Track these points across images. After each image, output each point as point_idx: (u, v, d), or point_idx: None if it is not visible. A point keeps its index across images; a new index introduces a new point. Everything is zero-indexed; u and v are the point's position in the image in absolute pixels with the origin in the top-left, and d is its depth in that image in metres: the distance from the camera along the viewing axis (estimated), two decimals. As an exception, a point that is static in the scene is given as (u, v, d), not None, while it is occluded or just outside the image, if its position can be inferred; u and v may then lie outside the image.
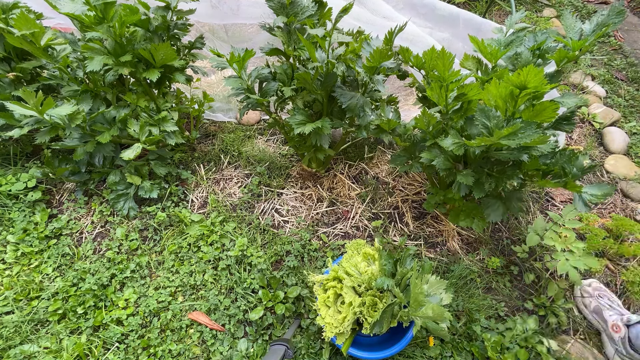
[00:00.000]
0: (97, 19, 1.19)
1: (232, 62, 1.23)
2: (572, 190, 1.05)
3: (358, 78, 1.32)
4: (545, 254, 1.48)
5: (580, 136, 2.02)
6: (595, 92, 2.22)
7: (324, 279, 1.19)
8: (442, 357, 1.25)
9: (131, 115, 1.45)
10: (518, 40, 1.21)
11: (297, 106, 1.35)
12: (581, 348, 1.28)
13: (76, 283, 1.39)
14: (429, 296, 1.06)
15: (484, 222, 1.29)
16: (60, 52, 1.44)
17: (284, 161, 1.84)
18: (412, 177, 1.79)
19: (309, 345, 1.26)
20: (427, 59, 1.14)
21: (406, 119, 1.82)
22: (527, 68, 0.86)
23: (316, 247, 1.52)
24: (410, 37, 1.64)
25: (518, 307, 1.40)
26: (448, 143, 1.09)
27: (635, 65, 2.43)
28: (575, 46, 1.07)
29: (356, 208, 1.67)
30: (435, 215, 1.65)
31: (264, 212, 1.66)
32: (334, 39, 1.18)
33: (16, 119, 1.34)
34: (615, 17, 1.05)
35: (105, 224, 1.59)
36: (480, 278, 1.45)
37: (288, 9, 1.27)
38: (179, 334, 1.30)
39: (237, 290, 1.40)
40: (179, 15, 1.48)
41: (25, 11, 1.42)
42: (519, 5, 2.97)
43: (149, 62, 1.36)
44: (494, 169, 1.18)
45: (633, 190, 1.73)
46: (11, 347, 1.23)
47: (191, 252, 1.50)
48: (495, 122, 1.01)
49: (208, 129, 1.98)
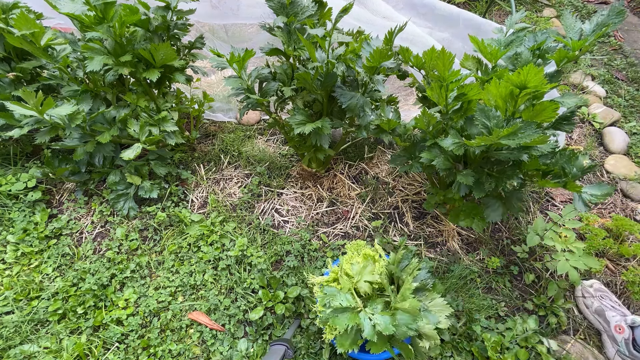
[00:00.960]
0: (97, 19, 1.19)
1: (232, 62, 1.23)
2: (572, 190, 1.05)
3: (358, 78, 1.32)
4: (545, 254, 1.48)
5: (580, 136, 2.02)
6: (595, 92, 2.22)
7: (324, 280, 1.19)
8: (442, 357, 1.25)
9: (131, 115, 1.45)
10: (518, 40, 1.21)
11: (297, 106, 1.35)
12: (581, 348, 1.28)
13: (76, 283, 1.40)
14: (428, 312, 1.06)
15: (483, 222, 1.29)
16: (60, 52, 1.44)
17: (284, 161, 1.84)
18: (412, 177, 1.79)
19: (309, 345, 1.26)
20: (427, 59, 1.14)
21: (406, 119, 1.81)
22: (527, 67, 0.86)
23: (316, 247, 1.52)
24: (410, 37, 1.64)
25: (518, 307, 1.40)
26: (448, 143, 1.09)
27: (635, 65, 2.43)
28: (575, 46, 1.07)
29: (356, 208, 1.67)
30: (435, 215, 1.65)
31: (264, 212, 1.66)
32: (334, 39, 1.18)
33: (16, 119, 1.34)
34: (615, 17, 1.05)
35: (105, 224, 1.59)
36: (480, 278, 1.45)
37: (288, 9, 1.27)
38: (179, 334, 1.30)
39: (237, 290, 1.40)
40: (179, 15, 1.48)
41: (25, 11, 1.42)
42: (519, 5, 2.97)
43: (149, 62, 1.36)
44: (494, 169, 1.18)
45: (633, 190, 1.73)
46: (11, 347, 1.23)
47: (191, 252, 1.50)
48: (495, 122, 1.01)
49: (208, 129, 1.98)
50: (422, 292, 1.12)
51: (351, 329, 0.98)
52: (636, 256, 1.49)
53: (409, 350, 0.98)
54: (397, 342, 0.98)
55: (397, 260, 1.14)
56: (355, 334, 0.99)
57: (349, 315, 0.94)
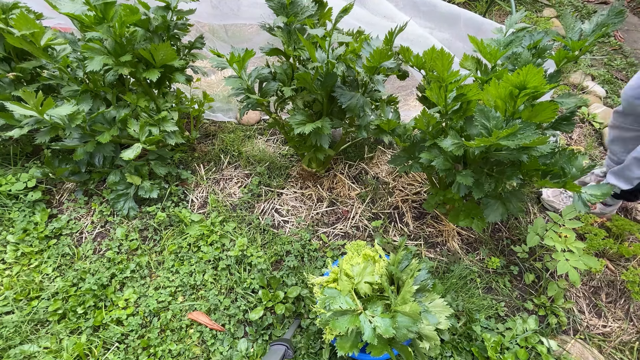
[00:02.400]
0: (97, 19, 1.19)
1: (232, 62, 1.23)
2: (572, 191, 1.05)
3: (358, 78, 1.32)
4: (545, 254, 1.48)
5: (580, 136, 2.02)
6: (595, 92, 2.22)
7: (324, 281, 1.19)
8: (442, 357, 1.25)
9: (131, 115, 1.45)
10: (517, 40, 1.21)
11: (297, 106, 1.35)
12: (581, 348, 1.28)
13: (76, 283, 1.40)
14: (428, 313, 1.06)
15: (483, 222, 1.29)
16: (60, 52, 1.44)
17: (284, 161, 1.84)
18: (412, 177, 1.79)
19: (309, 345, 1.26)
20: (427, 59, 1.14)
21: (406, 119, 1.81)
22: (526, 68, 0.86)
23: (316, 247, 1.52)
24: (411, 37, 1.64)
25: (518, 307, 1.40)
26: (447, 143, 1.09)
27: (635, 65, 2.43)
28: (575, 46, 1.07)
29: (356, 208, 1.67)
30: (435, 215, 1.65)
31: (264, 212, 1.66)
32: (334, 39, 1.18)
33: (16, 119, 1.34)
34: (615, 17, 1.05)
35: (105, 224, 1.59)
36: (480, 278, 1.45)
37: (288, 9, 1.27)
38: (179, 334, 1.30)
39: (237, 290, 1.40)
40: (179, 15, 1.48)
41: (25, 11, 1.42)
42: (519, 5, 2.97)
43: (149, 62, 1.36)
44: (494, 169, 1.18)
45: (633, 190, 1.73)
46: (11, 347, 1.23)
47: (191, 252, 1.50)
48: (495, 122, 1.01)
49: (208, 129, 1.98)
50: (422, 293, 1.12)
51: (351, 331, 0.98)
52: (636, 256, 1.50)
53: (408, 353, 0.98)
54: (397, 344, 0.98)
55: (397, 260, 1.14)
56: (356, 336, 0.99)
57: (349, 318, 0.94)
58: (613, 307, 1.42)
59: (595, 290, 1.46)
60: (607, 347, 1.31)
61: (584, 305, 1.42)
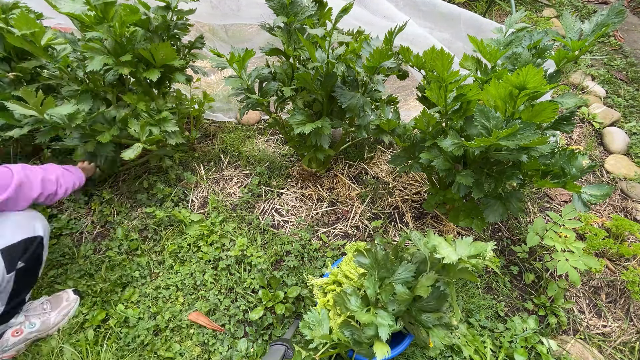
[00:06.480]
0: (97, 18, 1.19)
1: (232, 62, 1.23)
2: (572, 191, 1.05)
3: (358, 78, 1.32)
4: (545, 254, 1.48)
5: (580, 136, 2.02)
6: (595, 92, 2.22)
7: (324, 282, 1.19)
8: (442, 357, 1.25)
9: (131, 115, 1.45)
10: (517, 40, 1.21)
11: (297, 106, 1.35)
12: (581, 348, 1.29)
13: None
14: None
15: (483, 222, 1.29)
16: (60, 52, 1.44)
17: (284, 161, 1.84)
18: (412, 177, 1.79)
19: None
20: (427, 59, 1.14)
21: (406, 119, 1.82)
22: (526, 68, 0.86)
23: (316, 247, 1.52)
24: (410, 37, 1.64)
25: (518, 307, 1.40)
26: (447, 143, 1.09)
27: (635, 65, 2.43)
28: (574, 46, 1.07)
29: (356, 208, 1.67)
30: (435, 215, 1.65)
31: (264, 212, 1.66)
32: (334, 39, 1.18)
33: (16, 119, 1.34)
34: (615, 17, 1.05)
35: (105, 224, 1.59)
36: (480, 278, 1.45)
37: (288, 9, 1.27)
38: (179, 334, 1.30)
39: (237, 290, 1.40)
40: (179, 15, 1.48)
41: (25, 11, 1.41)
42: (519, 5, 2.97)
43: (149, 62, 1.36)
44: (494, 169, 1.18)
45: (633, 190, 1.73)
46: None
47: (191, 252, 1.50)
48: (495, 122, 1.01)
49: (208, 129, 1.98)
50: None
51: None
52: (636, 256, 1.50)
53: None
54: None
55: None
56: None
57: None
58: (613, 307, 1.42)
59: (595, 290, 1.46)
60: (607, 347, 1.31)
61: (584, 305, 1.42)
